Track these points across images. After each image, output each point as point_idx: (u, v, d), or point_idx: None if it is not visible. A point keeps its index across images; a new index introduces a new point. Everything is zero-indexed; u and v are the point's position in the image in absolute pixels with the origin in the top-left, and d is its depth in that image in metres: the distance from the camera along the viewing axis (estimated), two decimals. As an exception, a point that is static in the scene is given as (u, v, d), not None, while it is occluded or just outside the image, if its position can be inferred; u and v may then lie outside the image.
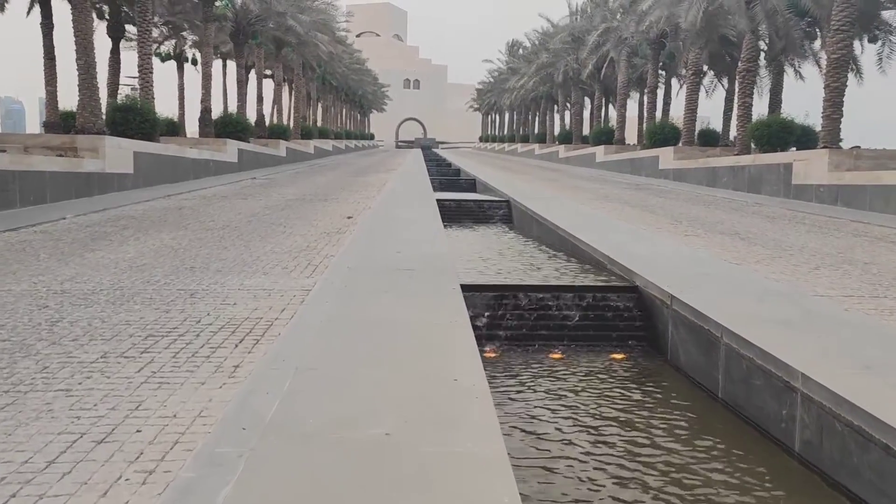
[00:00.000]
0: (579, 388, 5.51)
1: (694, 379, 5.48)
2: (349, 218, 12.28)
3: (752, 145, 22.95)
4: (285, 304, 5.77)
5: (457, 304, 5.46)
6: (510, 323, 6.69)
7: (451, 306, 5.41)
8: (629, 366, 6.12)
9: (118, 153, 16.59)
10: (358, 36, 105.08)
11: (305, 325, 4.84)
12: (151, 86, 22.98)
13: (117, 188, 16.42)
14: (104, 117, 19.41)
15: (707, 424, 4.74)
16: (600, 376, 5.78)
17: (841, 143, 19.15)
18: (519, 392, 5.46)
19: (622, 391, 5.45)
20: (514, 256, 10.22)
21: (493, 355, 6.34)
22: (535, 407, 5.18)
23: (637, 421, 4.84)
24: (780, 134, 20.90)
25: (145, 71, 22.76)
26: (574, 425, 4.81)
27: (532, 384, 5.64)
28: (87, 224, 11.09)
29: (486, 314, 6.73)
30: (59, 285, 6.43)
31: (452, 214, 16.05)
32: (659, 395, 5.34)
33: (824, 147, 18.41)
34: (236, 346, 4.63)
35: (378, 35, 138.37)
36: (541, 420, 4.92)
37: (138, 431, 3.27)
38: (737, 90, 24.15)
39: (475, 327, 6.20)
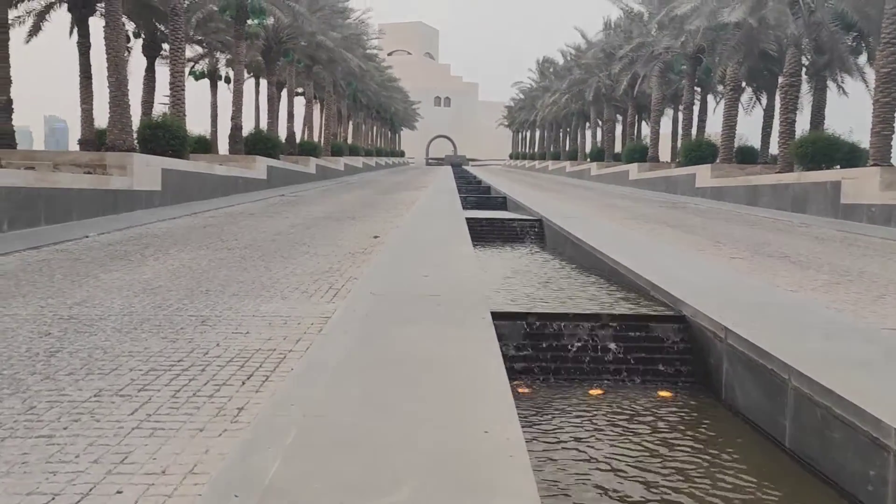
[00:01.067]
0: (625, 434, 4.95)
1: (754, 423, 4.88)
2: (375, 237, 11.86)
3: (795, 163, 22.11)
4: (301, 334, 5.32)
5: (487, 337, 4.95)
6: (545, 355, 6.15)
7: (481, 339, 4.90)
8: (678, 406, 5.54)
9: (146, 170, 16.45)
10: (389, 54, 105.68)
11: (320, 361, 4.37)
12: (183, 103, 23.00)
13: (145, 205, 16.26)
14: (135, 135, 19.43)
15: (776, 480, 4.14)
16: (647, 419, 5.21)
17: (892, 161, 18.28)
18: (557, 438, 4.91)
19: (674, 438, 4.87)
20: (547, 280, 9.68)
21: (526, 391, 5.80)
22: (577, 458, 4.63)
23: (696, 476, 4.26)
24: (825, 151, 20.07)
25: (177, 88, 22.78)
26: (624, 480, 4.24)
27: (571, 427, 5.09)
28: (109, 242, 10.83)
29: (519, 345, 6.20)
30: (68, 310, 6.07)
31: (482, 233, 15.56)
32: (716, 443, 4.75)
33: (875, 165, 17.58)
34: (243, 383, 4.18)
35: (409, 53, 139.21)
36: (585, 477, 4.37)
37: (119, 493, 2.82)
38: (778, 106, 23.34)
39: (506, 358, 5.69)
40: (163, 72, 29.56)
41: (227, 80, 39.58)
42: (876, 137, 18.08)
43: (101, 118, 20.06)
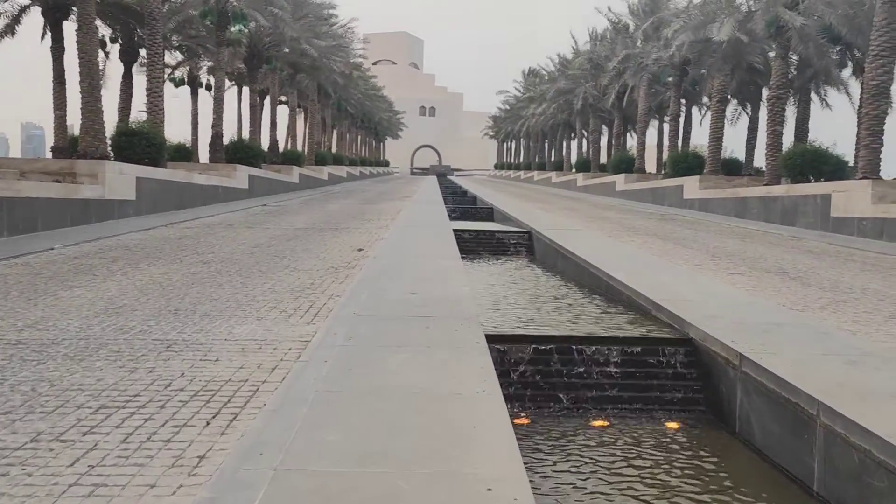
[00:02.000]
0: (634, 473, 4.48)
1: (775, 462, 4.43)
2: (360, 250, 11.36)
3: (783, 175, 21.91)
4: (277, 362, 4.81)
5: (483, 365, 4.48)
6: (543, 381, 5.68)
7: (476, 367, 4.42)
8: (688, 440, 5.08)
9: (119, 179, 15.84)
10: (374, 63, 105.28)
11: (296, 396, 3.86)
12: (161, 110, 22.39)
13: (118, 216, 15.64)
14: (108, 142, 18.81)
15: (806, 532, 3.70)
16: (655, 455, 4.75)
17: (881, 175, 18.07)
18: (560, 479, 4.44)
19: (687, 479, 4.41)
20: (540, 297, 9.22)
21: (524, 421, 5.33)
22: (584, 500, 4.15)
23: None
24: (814, 164, 19.86)
25: (154, 95, 22.17)
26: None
27: (576, 463, 4.61)
28: (75, 255, 10.24)
29: (514, 370, 5.72)
30: (17, 333, 5.52)
31: (470, 246, 15.09)
32: (734, 485, 4.29)
33: (864, 178, 17.36)
34: (207, 423, 3.66)
35: (394, 63, 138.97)
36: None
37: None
38: (766, 118, 23.18)
39: (500, 384, 5.22)
40: (141, 78, 28.96)
41: (209, 88, 38.96)
42: (865, 150, 17.88)
43: (77, 125, 19.44)
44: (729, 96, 30.14)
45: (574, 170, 53.98)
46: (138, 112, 30.76)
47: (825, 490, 3.89)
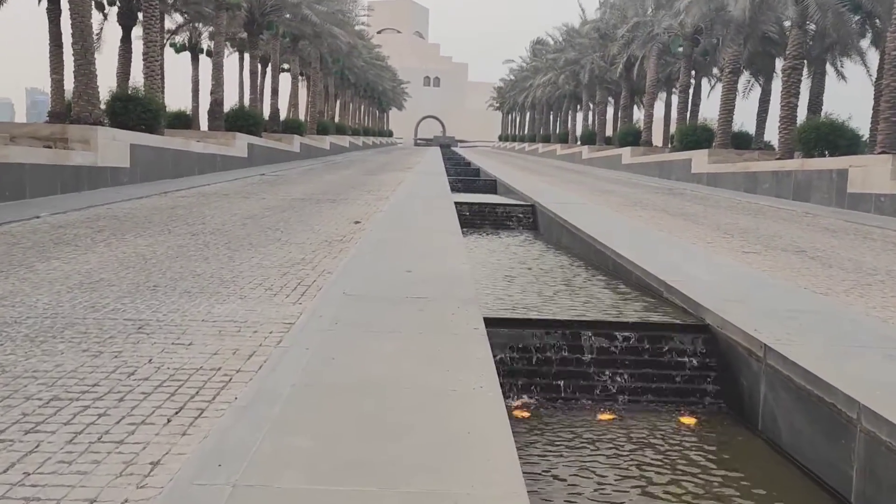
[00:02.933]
0: (645, 473, 4.07)
1: (805, 467, 4.01)
2: (357, 223, 10.90)
3: (797, 149, 21.30)
4: (256, 347, 4.39)
5: (481, 356, 4.04)
6: (546, 369, 5.26)
7: (473, 358, 3.99)
8: (706, 437, 4.66)
9: (112, 145, 15.34)
10: (379, 32, 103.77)
11: (270, 390, 3.44)
12: (158, 75, 21.82)
13: (111, 183, 15.18)
14: (103, 107, 18.27)
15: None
16: (670, 454, 4.33)
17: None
18: (561, 481, 4.03)
19: (705, 483, 3.99)
20: (544, 276, 8.76)
21: (525, 414, 4.91)
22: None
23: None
24: (830, 137, 19.22)
25: (151, 59, 21.58)
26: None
27: (579, 462, 4.20)
28: (60, 224, 9.81)
29: (515, 358, 5.29)
30: (-21, 310, 5.10)
31: (472, 219, 14.63)
32: (756, 491, 3.88)
33: (883, 152, 16.76)
34: (168, 421, 3.25)
35: (399, 32, 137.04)
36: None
37: None
38: (780, 90, 22.48)
39: (500, 372, 4.80)
40: (140, 42, 28.25)
41: (209, 54, 38.17)
42: (885, 123, 17.26)
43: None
44: (742, 67, 29.33)
45: (579, 142, 53.22)
46: (138, 78, 30.25)
47: (864, 503, 3.47)
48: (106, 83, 20.49)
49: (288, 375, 3.63)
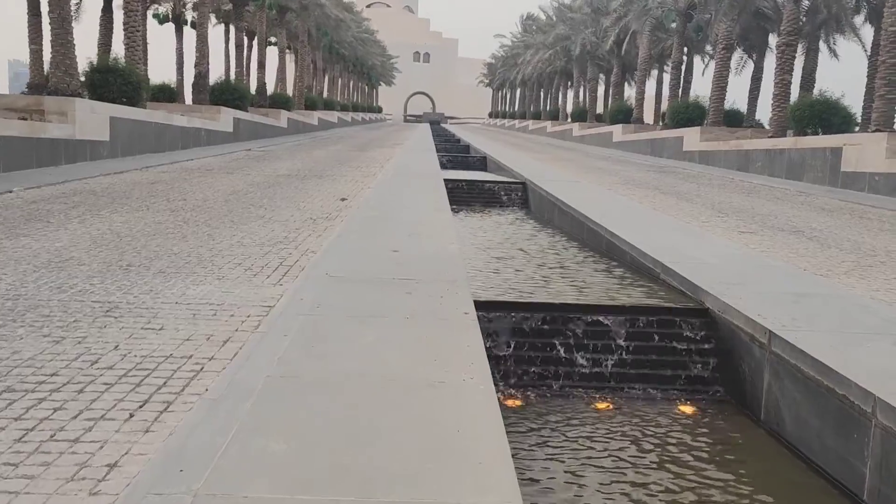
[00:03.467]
0: (641, 464, 3.85)
1: (811, 461, 3.80)
2: (343, 200, 10.60)
3: (790, 127, 21.07)
4: (232, 332, 4.11)
5: (471, 343, 3.79)
6: (538, 356, 5.02)
7: (463, 346, 3.74)
8: (705, 427, 4.45)
9: (91, 118, 14.87)
10: (368, 6, 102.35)
11: (243, 382, 3.17)
12: (138, 46, 21.18)
13: (90, 157, 14.73)
14: (82, 79, 17.74)
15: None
16: (667, 444, 4.12)
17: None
18: (553, 474, 3.80)
19: (705, 477, 3.78)
20: (536, 256, 8.51)
21: (516, 403, 4.68)
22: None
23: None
24: (823, 115, 18.99)
25: (131, 29, 20.92)
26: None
27: (573, 454, 3.98)
28: (33, 199, 9.44)
29: (506, 343, 5.05)
30: (-64, 291, 4.79)
31: (462, 197, 14.34)
32: (760, 485, 3.67)
33: (877, 130, 16.56)
34: (131, 416, 2.97)
35: (388, 6, 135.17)
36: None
37: None
38: (774, 67, 22.19)
39: (491, 360, 4.56)
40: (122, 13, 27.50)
41: (194, 25, 37.31)
42: (880, 101, 17.05)
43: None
44: (735, 43, 28.98)
45: (570, 119, 52.80)
46: (121, 50, 29.48)
47: (877, 502, 3.26)
48: (88, 54, 19.98)
49: (263, 366, 3.37)
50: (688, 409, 4.65)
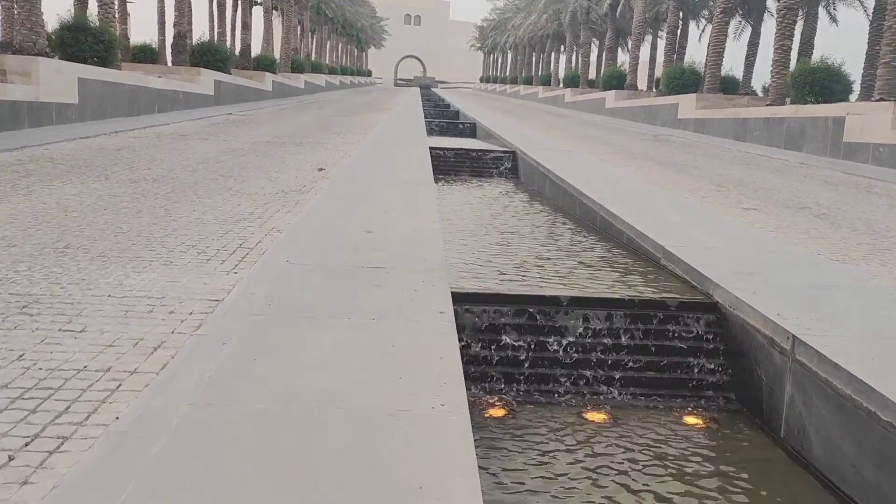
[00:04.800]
0: (638, 490, 3.30)
1: (845, 494, 3.25)
2: (321, 170, 9.91)
3: (790, 95, 20.37)
4: (166, 335, 3.50)
5: (445, 354, 3.19)
6: (523, 356, 4.43)
7: (435, 358, 3.14)
8: (714, 443, 3.89)
9: (57, 79, 14.01)
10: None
11: (158, 414, 2.57)
12: (113, 3, 20.12)
13: (56, 121, 13.91)
14: (52, 37, 16.81)
15: None
16: (670, 463, 3.56)
17: None
18: (538, 499, 3.25)
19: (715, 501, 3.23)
20: (527, 234, 7.89)
21: (500, 413, 4.10)
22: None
23: None
24: (825, 83, 18.30)
25: (104, -15, 19.85)
26: None
27: (559, 478, 3.42)
28: (-18, 168, 8.71)
29: (487, 340, 4.46)
30: None
31: (448, 165, 13.67)
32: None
33: (881, 99, 15.92)
34: (10, 459, 2.37)
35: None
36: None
37: None
38: (774, 31, 21.39)
39: (470, 359, 4.00)
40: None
41: (175, -17, 35.94)
42: (885, 69, 16.37)
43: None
44: (734, 6, 28.09)
45: (562, 85, 51.73)
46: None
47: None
48: (64, 12, 18.92)
49: (189, 388, 2.76)
50: (695, 419, 4.09)
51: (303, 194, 7.88)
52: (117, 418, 2.63)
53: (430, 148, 12.95)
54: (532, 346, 4.45)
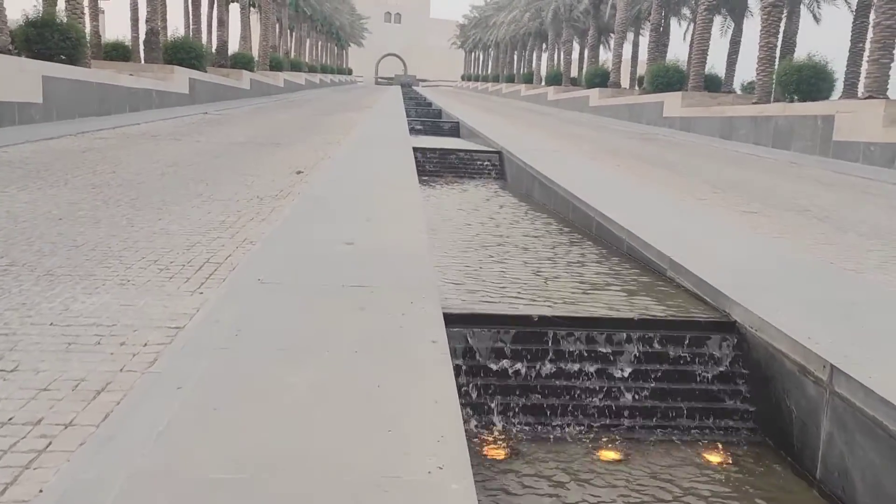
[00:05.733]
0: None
1: (898, 549, 2.84)
2: (299, 173, 9.40)
3: (776, 93, 20.14)
4: (113, 374, 3.00)
5: (441, 397, 2.73)
6: (525, 384, 3.98)
7: (429, 401, 2.68)
8: (740, 483, 3.46)
9: (18, 77, 13.34)
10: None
11: (92, 486, 2.07)
12: (80, -1, 19.41)
13: (18, 121, 13.23)
14: (16, 34, 16.11)
15: None
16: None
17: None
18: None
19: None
20: (518, 241, 7.44)
21: (501, 453, 3.64)
22: None
23: None
24: (812, 80, 18.05)
25: (72, -21, 19.14)
26: None
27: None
28: (-69, 173, 8.10)
29: (483, 369, 4.00)
30: None
31: (432, 167, 13.22)
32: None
33: (870, 97, 15.68)
34: None
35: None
36: None
37: None
38: (760, 29, 21.15)
39: (467, 391, 3.56)
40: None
41: (149, -21, 35.06)
42: (874, 66, 16.15)
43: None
44: (718, 3, 27.89)
45: (544, 83, 51.44)
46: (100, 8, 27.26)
47: None
48: (29, 8, 18.17)
49: (133, 447, 2.27)
50: (716, 455, 3.66)
51: (279, 200, 7.37)
52: (41, 491, 2.14)
53: (414, 148, 12.48)
54: (530, 373, 4.00)
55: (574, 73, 48.63)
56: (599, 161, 12.80)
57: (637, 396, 3.92)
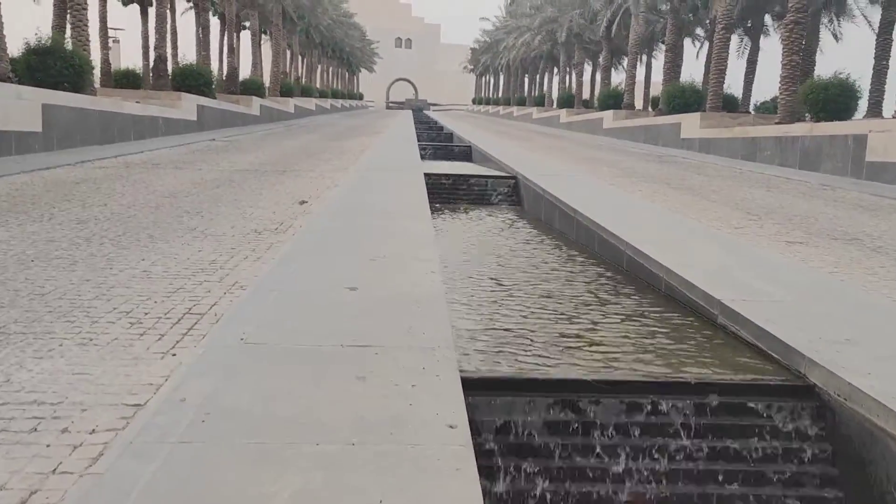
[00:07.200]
0: None
1: None
2: (302, 203, 8.80)
3: (802, 112, 19.44)
4: (42, 479, 2.35)
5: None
6: (563, 463, 3.28)
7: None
8: None
9: (16, 105, 12.90)
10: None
11: None
12: (85, 25, 19.12)
13: (15, 151, 12.77)
14: (17, 62, 15.76)
15: None
16: None
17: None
18: None
19: None
20: (542, 282, 6.74)
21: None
22: None
23: None
24: (840, 99, 17.34)
25: (77, 7, 18.90)
26: None
27: None
28: None
29: (516, 443, 3.30)
30: None
31: (445, 193, 12.58)
32: None
33: (903, 116, 14.92)
34: None
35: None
36: None
37: None
38: (782, 47, 20.50)
39: (488, 469, 2.87)
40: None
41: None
42: (906, 84, 15.39)
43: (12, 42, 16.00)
44: (735, 22, 27.31)
45: (556, 105, 50.98)
46: (111, 40, 27.12)
47: None
48: (42, 34, 17.81)
49: None
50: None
51: (278, 234, 6.74)
52: None
53: (425, 174, 11.86)
54: (566, 451, 3.30)
55: (586, 94, 48.17)
56: (621, 186, 12.12)
57: (692, 477, 3.21)
